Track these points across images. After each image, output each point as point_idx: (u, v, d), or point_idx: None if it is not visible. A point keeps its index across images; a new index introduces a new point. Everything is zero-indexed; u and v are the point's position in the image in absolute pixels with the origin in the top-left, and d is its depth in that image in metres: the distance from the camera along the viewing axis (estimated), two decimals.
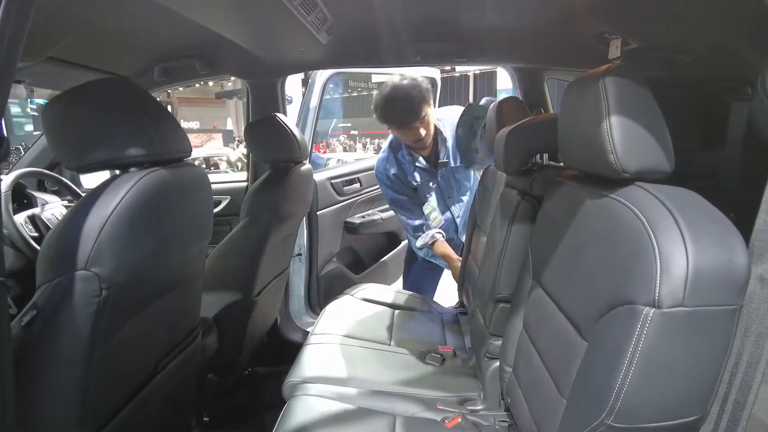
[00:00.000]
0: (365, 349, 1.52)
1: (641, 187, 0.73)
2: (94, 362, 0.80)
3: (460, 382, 1.40)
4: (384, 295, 1.98)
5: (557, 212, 1.00)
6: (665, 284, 0.60)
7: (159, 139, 0.89)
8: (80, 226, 0.77)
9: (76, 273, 0.76)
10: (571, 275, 0.87)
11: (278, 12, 1.17)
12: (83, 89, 0.85)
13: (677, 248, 0.60)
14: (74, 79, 1.61)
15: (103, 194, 0.81)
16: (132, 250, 0.83)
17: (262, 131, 1.65)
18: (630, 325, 0.63)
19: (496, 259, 1.28)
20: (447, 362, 1.51)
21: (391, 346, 1.59)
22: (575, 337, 0.80)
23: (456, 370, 1.48)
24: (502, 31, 1.50)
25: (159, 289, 0.98)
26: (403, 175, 2.00)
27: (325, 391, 1.25)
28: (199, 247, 1.11)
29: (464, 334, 1.73)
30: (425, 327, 1.77)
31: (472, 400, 1.31)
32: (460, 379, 1.41)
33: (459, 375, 1.44)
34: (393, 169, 1.99)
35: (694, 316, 0.59)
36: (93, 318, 0.78)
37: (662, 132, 0.76)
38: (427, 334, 1.70)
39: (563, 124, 0.94)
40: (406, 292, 2.08)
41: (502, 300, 1.26)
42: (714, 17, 1.16)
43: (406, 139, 1.86)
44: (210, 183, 1.12)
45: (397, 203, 2.04)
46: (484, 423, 1.18)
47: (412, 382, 1.36)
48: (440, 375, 1.43)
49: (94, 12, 1.23)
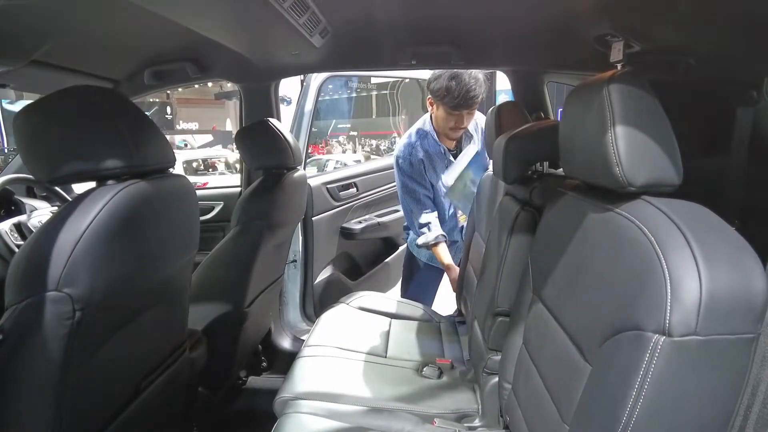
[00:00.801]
0: (360, 362, 1.48)
1: (648, 202, 0.69)
2: (68, 387, 0.76)
3: (457, 396, 1.35)
4: (380, 303, 1.93)
5: (558, 224, 0.95)
6: (676, 311, 0.55)
7: (139, 149, 0.84)
8: (51, 244, 0.72)
9: (47, 294, 0.71)
10: (572, 292, 0.82)
11: (268, 15, 1.12)
12: (56, 98, 0.80)
13: (689, 271, 0.56)
14: (60, 83, 1.58)
15: (78, 209, 0.76)
16: (109, 269, 0.78)
17: (254, 137, 1.60)
18: (637, 353, 0.58)
19: (495, 271, 1.23)
20: (444, 375, 1.47)
21: (387, 359, 1.55)
22: (578, 359, 0.76)
23: (454, 383, 1.43)
24: (501, 34, 1.45)
25: (140, 306, 0.93)
26: (429, 161, 1.96)
27: (318, 408, 1.21)
28: (185, 261, 1.06)
29: (462, 344, 1.68)
30: (422, 338, 1.72)
31: (470, 417, 1.27)
32: (458, 394, 1.36)
33: (457, 389, 1.40)
34: (419, 154, 1.96)
35: (708, 346, 0.55)
36: (65, 341, 0.73)
37: (670, 143, 0.71)
38: (424, 346, 1.65)
39: (565, 132, 0.89)
40: (404, 301, 2.03)
41: (501, 314, 1.21)
42: (719, 20, 1.12)
43: (448, 123, 1.86)
44: (196, 194, 1.07)
45: (411, 193, 1.99)
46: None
47: (408, 397, 1.32)
48: (437, 389, 1.39)
49: (78, 16, 1.19)
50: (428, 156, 1.96)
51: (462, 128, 1.88)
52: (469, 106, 1.80)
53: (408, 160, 1.96)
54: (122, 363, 0.93)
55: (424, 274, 2.18)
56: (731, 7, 1.04)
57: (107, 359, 0.86)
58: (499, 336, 1.20)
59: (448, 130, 1.88)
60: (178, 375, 1.19)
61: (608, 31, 1.25)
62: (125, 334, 0.90)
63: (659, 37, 1.28)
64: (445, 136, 1.94)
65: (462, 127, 1.87)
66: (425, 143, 1.97)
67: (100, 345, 0.82)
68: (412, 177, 1.97)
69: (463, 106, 1.78)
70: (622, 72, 0.75)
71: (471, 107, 1.81)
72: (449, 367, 1.50)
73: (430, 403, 1.29)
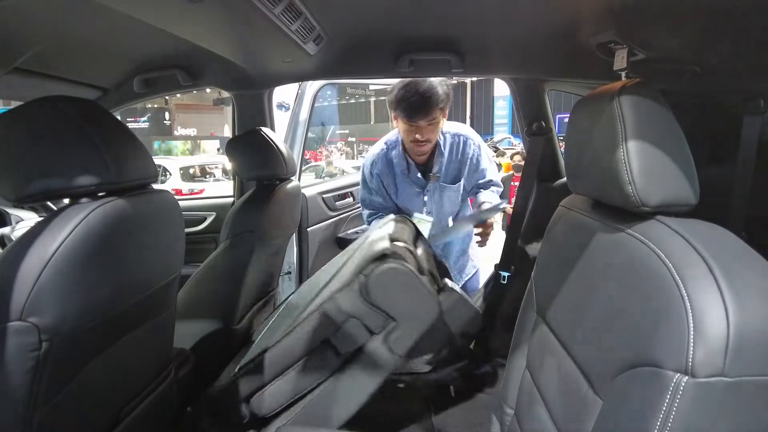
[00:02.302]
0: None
1: (663, 223, 0.64)
2: (35, 424, 0.70)
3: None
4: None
5: (564, 244, 0.90)
6: (700, 349, 0.50)
7: (116, 163, 0.78)
8: (15, 268, 0.66)
9: (9, 325, 0.65)
10: (581, 318, 0.77)
11: (259, 22, 1.08)
12: (23, 110, 0.74)
13: (714, 303, 0.51)
14: (45, 91, 1.52)
15: (46, 230, 0.70)
16: (81, 295, 0.72)
17: (246, 147, 1.55)
18: (656, 392, 0.53)
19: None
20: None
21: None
22: (587, 392, 0.70)
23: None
24: (502, 41, 1.41)
25: (119, 331, 0.87)
26: (388, 175, 1.84)
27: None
28: (168, 281, 1.01)
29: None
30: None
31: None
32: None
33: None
34: (379, 165, 1.84)
35: (737, 389, 0.49)
36: (31, 375, 0.67)
37: (686, 159, 0.66)
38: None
39: (571, 145, 0.84)
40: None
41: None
42: (725, 28, 1.08)
43: (409, 137, 1.70)
44: (180, 210, 1.01)
45: (369, 204, 1.91)
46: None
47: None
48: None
49: (62, 22, 1.14)
50: (389, 167, 1.84)
51: (423, 143, 1.70)
52: (425, 114, 1.62)
53: (369, 170, 1.88)
54: (99, 392, 0.87)
55: None
56: (737, 16, 1.00)
57: (82, 390, 0.80)
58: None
59: (409, 143, 1.74)
60: (164, 398, 1.13)
61: (612, 39, 1.21)
62: (102, 362, 0.84)
63: (664, 45, 1.24)
64: (410, 152, 1.80)
65: (422, 140, 1.68)
66: (391, 154, 1.84)
67: (72, 376, 0.76)
68: (368, 187, 1.89)
69: (419, 114, 1.62)
70: (633, 82, 0.70)
71: (428, 115, 1.63)
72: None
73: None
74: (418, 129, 1.66)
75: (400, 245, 1.16)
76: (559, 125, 4.64)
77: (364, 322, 1.10)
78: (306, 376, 1.14)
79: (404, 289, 1.09)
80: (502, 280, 1.79)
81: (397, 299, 1.10)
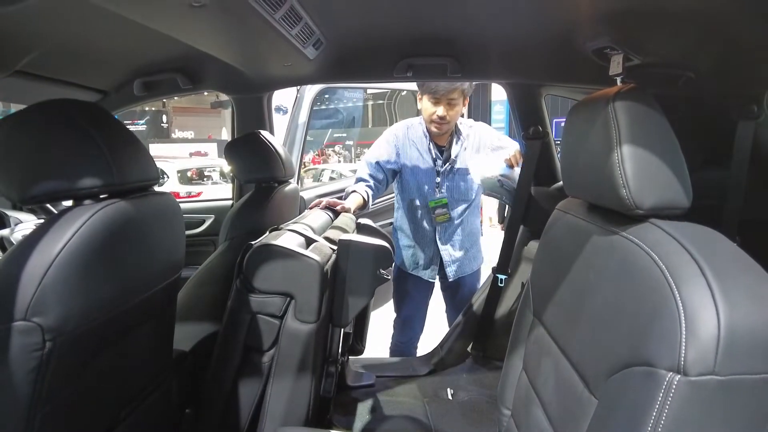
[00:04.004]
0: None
1: (657, 226, 0.65)
2: (37, 423, 0.70)
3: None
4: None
5: (560, 246, 0.91)
6: (692, 348, 0.51)
7: (118, 165, 0.79)
8: (20, 269, 0.67)
9: (14, 324, 0.66)
10: (576, 319, 0.78)
11: (260, 27, 1.09)
12: (28, 113, 0.75)
13: (705, 304, 0.52)
14: (46, 93, 1.54)
15: (50, 231, 0.71)
16: (84, 295, 0.73)
17: (245, 150, 1.56)
18: (650, 391, 0.54)
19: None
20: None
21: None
22: (582, 392, 0.71)
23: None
24: (499, 47, 1.43)
25: (120, 332, 0.88)
26: (409, 147, 1.95)
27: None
28: (169, 282, 1.01)
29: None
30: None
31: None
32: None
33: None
34: (401, 138, 1.97)
35: (727, 387, 0.50)
36: (34, 374, 0.68)
37: (679, 163, 0.68)
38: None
39: (566, 149, 0.86)
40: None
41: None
42: (718, 35, 1.10)
43: (430, 114, 1.85)
44: (181, 212, 1.02)
45: (370, 161, 1.96)
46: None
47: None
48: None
49: (62, 25, 1.15)
50: (410, 142, 1.96)
51: (443, 121, 1.85)
52: (448, 91, 1.79)
53: (388, 137, 1.99)
54: (100, 392, 0.87)
55: (413, 286, 2.10)
56: (729, 23, 1.02)
57: (83, 390, 0.80)
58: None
59: (430, 122, 1.88)
60: (163, 399, 1.13)
61: (607, 44, 1.23)
62: (103, 362, 0.85)
63: (659, 51, 1.26)
64: (430, 130, 1.92)
65: (443, 118, 1.83)
66: (412, 131, 1.98)
67: (74, 376, 0.77)
68: (378, 151, 1.98)
69: (442, 89, 1.79)
70: (627, 88, 0.71)
71: (450, 94, 1.80)
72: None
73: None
74: (440, 104, 1.82)
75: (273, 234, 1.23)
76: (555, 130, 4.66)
77: (266, 312, 1.13)
78: (248, 384, 1.18)
79: (274, 263, 1.12)
80: (500, 282, 1.81)
81: (275, 275, 1.12)
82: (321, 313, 1.14)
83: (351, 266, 1.25)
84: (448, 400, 1.57)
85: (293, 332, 1.12)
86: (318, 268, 1.11)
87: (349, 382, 1.69)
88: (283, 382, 1.15)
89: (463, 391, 1.59)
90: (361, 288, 1.27)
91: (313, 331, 1.13)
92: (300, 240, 1.23)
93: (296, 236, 1.23)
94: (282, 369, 1.14)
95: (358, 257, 1.26)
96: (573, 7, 1.08)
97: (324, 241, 1.28)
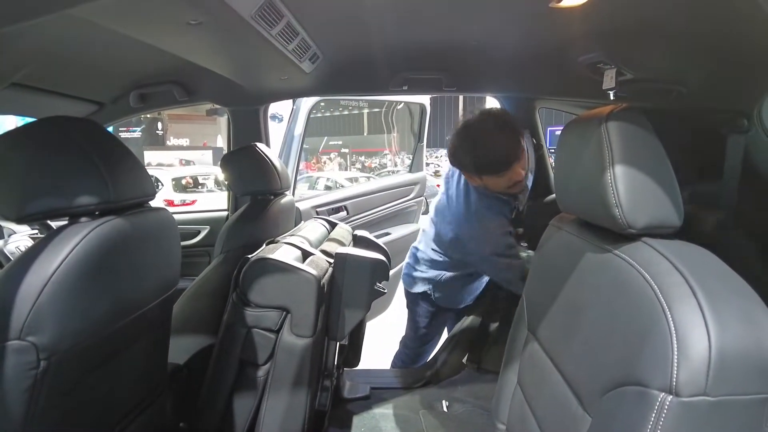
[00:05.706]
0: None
1: (649, 245, 0.66)
2: None
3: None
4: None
5: (554, 262, 0.92)
6: (684, 369, 0.52)
7: (114, 183, 0.79)
8: (15, 288, 0.67)
9: (8, 344, 0.65)
10: (570, 336, 0.78)
11: (256, 42, 1.10)
12: (24, 130, 0.75)
13: (696, 326, 0.53)
14: (43, 105, 1.54)
15: (47, 249, 0.71)
16: (79, 314, 0.72)
17: (241, 162, 1.57)
18: (642, 410, 0.55)
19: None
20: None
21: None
22: (576, 409, 0.72)
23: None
24: (493, 62, 1.44)
25: (115, 348, 0.88)
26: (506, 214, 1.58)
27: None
28: (164, 297, 1.01)
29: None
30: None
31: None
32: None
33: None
34: (504, 216, 1.57)
35: (718, 408, 0.51)
36: (28, 394, 0.67)
37: (671, 182, 0.69)
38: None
39: (560, 167, 0.87)
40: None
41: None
42: (708, 51, 1.12)
43: (506, 183, 1.45)
44: (177, 227, 1.02)
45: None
46: None
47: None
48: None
49: (58, 39, 1.15)
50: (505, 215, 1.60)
51: (519, 182, 1.47)
52: (500, 169, 1.41)
53: (500, 220, 1.55)
54: (94, 408, 0.87)
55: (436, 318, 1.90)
56: (719, 38, 1.03)
57: (77, 406, 0.80)
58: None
59: (512, 187, 1.49)
60: (158, 414, 1.13)
61: (600, 59, 1.25)
62: (98, 378, 0.84)
63: (651, 66, 1.28)
64: (514, 193, 1.55)
65: (518, 181, 1.46)
66: (496, 208, 1.55)
67: (68, 393, 0.76)
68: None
69: (497, 170, 1.41)
70: (620, 108, 0.73)
71: (506, 167, 1.41)
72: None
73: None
74: (508, 174, 1.42)
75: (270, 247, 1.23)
76: (550, 138, 4.69)
77: (262, 326, 1.12)
78: (243, 398, 1.17)
79: (271, 277, 1.12)
80: (495, 296, 1.81)
81: (272, 289, 1.12)
82: (317, 327, 1.14)
83: (348, 280, 1.25)
84: (444, 412, 1.56)
85: (289, 346, 1.12)
86: (314, 282, 1.11)
87: (344, 394, 1.68)
88: (279, 397, 1.14)
89: (459, 403, 1.59)
90: (357, 302, 1.27)
91: (309, 345, 1.13)
92: (296, 253, 1.23)
93: (293, 249, 1.23)
94: (277, 383, 1.14)
95: (354, 271, 1.26)
96: (566, 24, 1.10)
97: (320, 254, 1.28)
